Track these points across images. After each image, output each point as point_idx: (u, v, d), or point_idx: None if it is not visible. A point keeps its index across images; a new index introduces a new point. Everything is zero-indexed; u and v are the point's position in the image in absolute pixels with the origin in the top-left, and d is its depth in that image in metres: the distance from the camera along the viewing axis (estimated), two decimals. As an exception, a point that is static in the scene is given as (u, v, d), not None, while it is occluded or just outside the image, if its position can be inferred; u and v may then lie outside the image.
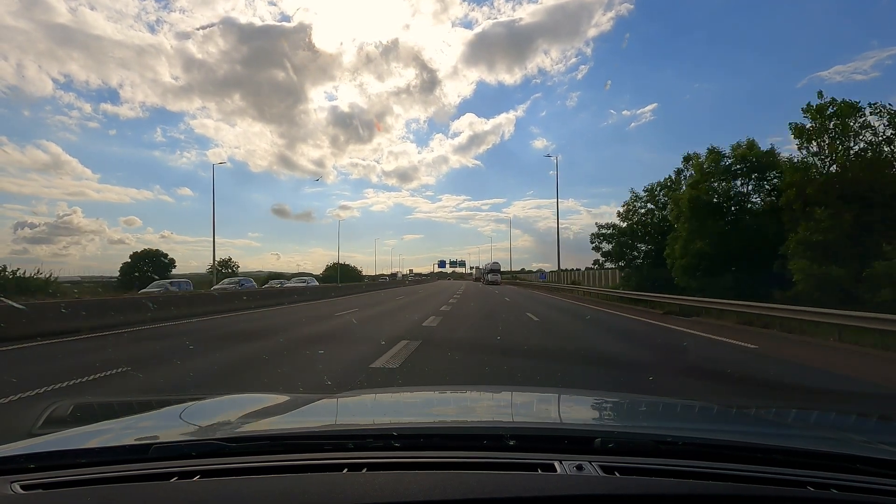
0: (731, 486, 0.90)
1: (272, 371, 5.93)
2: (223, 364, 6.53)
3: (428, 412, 1.85)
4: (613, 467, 0.94)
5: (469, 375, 5.80)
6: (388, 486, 0.87)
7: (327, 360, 6.88)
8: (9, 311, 9.27)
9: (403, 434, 1.13)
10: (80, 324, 9.69)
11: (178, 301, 15.07)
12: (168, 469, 0.96)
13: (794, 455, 1.06)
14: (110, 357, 6.81)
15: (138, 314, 11.86)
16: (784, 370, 6.70)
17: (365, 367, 6.00)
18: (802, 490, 0.91)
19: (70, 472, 0.97)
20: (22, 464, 1.01)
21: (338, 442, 1.10)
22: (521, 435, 1.11)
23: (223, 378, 5.66)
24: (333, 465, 0.97)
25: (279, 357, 6.93)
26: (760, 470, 0.97)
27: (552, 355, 7.57)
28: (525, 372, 5.92)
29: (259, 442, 1.13)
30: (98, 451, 1.07)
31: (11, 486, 0.91)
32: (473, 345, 8.64)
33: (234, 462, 0.99)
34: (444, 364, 6.65)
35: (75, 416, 1.69)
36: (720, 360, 7.52)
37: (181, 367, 6.25)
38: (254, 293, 21.83)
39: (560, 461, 0.96)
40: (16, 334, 8.47)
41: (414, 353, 7.10)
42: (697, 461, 1.00)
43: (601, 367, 6.65)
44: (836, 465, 1.00)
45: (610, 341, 9.53)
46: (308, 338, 9.12)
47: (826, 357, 7.83)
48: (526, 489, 0.86)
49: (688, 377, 6.08)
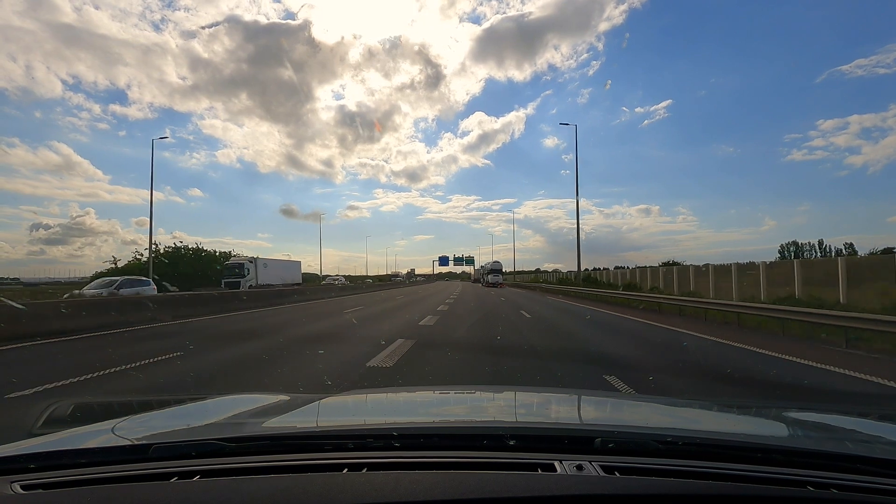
0: (731, 486, 0.90)
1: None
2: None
3: (428, 412, 1.85)
4: (613, 467, 0.94)
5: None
6: (388, 486, 0.87)
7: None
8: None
9: (403, 434, 1.13)
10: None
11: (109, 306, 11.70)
12: (168, 469, 0.96)
13: (794, 455, 1.06)
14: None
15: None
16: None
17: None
18: (802, 490, 0.91)
19: (70, 472, 0.97)
20: (22, 464, 1.01)
21: (338, 442, 1.10)
22: (522, 435, 1.11)
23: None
24: (333, 465, 0.97)
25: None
26: (760, 470, 0.97)
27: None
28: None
29: (259, 442, 1.13)
30: (98, 451, 1.07)
31: (11, 486, 0.91)
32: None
33: (234, 462, 0.99)
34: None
35: (75, 416, 1.69)
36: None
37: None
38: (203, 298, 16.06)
39: (560, 461, 0.96)
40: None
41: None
42: (697, 461, 1.00)
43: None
44: (836, 465, 1.00)
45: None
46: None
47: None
48: (526, 489, 0.86)
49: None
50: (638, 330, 11.22)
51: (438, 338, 9.15)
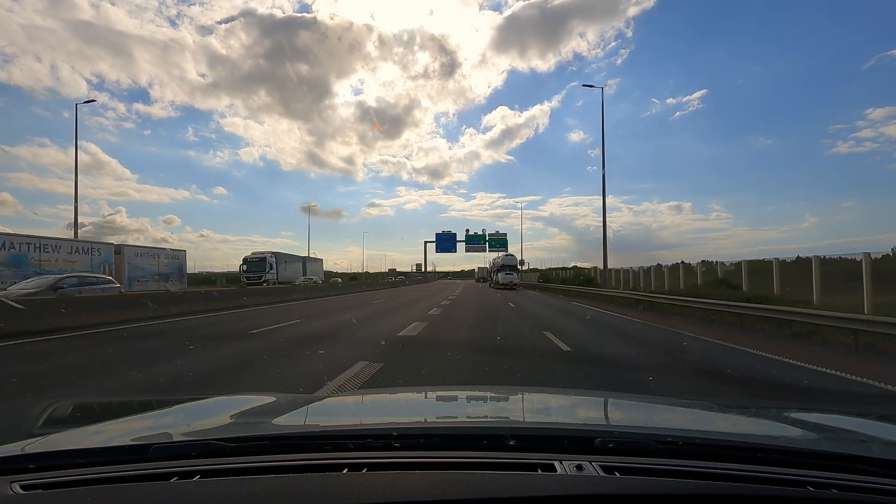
0: (731, 486, 0.90)
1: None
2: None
3: (428, 412, 1.85)
4: (613, 467, 0.94)
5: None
6: (388, 486, 0.87)
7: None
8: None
9: (403, 434, 1.13)
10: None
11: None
12: (168, 469, 0.96)
13: (793, 455, 1.06)
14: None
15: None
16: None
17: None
18: (802, 490, 0.91)
19: (70, 472, 0.97)
20: (22, 464, 1.01)
21: (338, 442, 1.10)
22: (521, 435, 1.12)
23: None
24: (333, 465, 0.97)
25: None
26: (760, 470, 0.97)
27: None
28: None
29: (259, 442, 1.13)
30: (98, 451, 1.07)
31: (11, 486, 0.91)
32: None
33: (234, 462, 0.99)
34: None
35: (75, 416, 1.69)
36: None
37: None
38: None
39: (560, 461, 0.96)
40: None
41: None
42: (697, 461, 1.00)
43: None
44: (836, 465, 1.00)
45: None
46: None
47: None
48: (526, 489, 0.86)
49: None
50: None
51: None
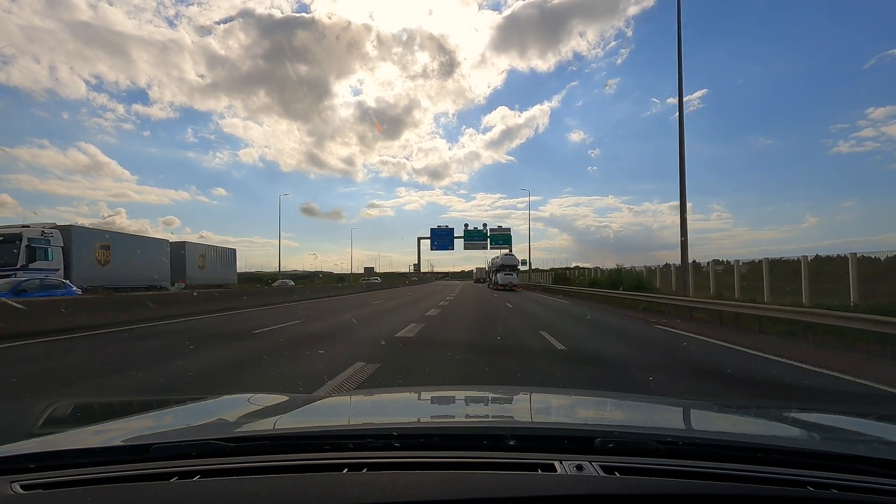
0: (731, 486, 0.90)
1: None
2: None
3: (428, 412, 1.85)
4: (613, 467, 0.94)
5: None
6: (389, 486, 0.87)
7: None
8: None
9: (403, 434, 1.13)
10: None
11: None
12: (168, 469, 0.96)
13: (793, 455, 1.06)
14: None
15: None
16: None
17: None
18: (802, 490, 0.91)
19: (70, 472, 0.97)
20: (22, 464, 1.01)
21: (338, 442, 1.10)
22: (521, 435, 1.12)
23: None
24: (333, 465, 0.97)
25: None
26: (760, 470, 0.97)
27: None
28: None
29: (259, 442, 1.13)
30: (98, 451, 1.07)
31: (11, 486, 0.91)
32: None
33: (234, 462, 0.99)
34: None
35: (75, 416, 1.69)
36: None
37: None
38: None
39: (560, 461, 0.96)
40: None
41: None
42: (697, 461, 1.00)
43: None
44: (836, 465, 1.00)
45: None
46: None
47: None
48: (526, 489, 0.86)
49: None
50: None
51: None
